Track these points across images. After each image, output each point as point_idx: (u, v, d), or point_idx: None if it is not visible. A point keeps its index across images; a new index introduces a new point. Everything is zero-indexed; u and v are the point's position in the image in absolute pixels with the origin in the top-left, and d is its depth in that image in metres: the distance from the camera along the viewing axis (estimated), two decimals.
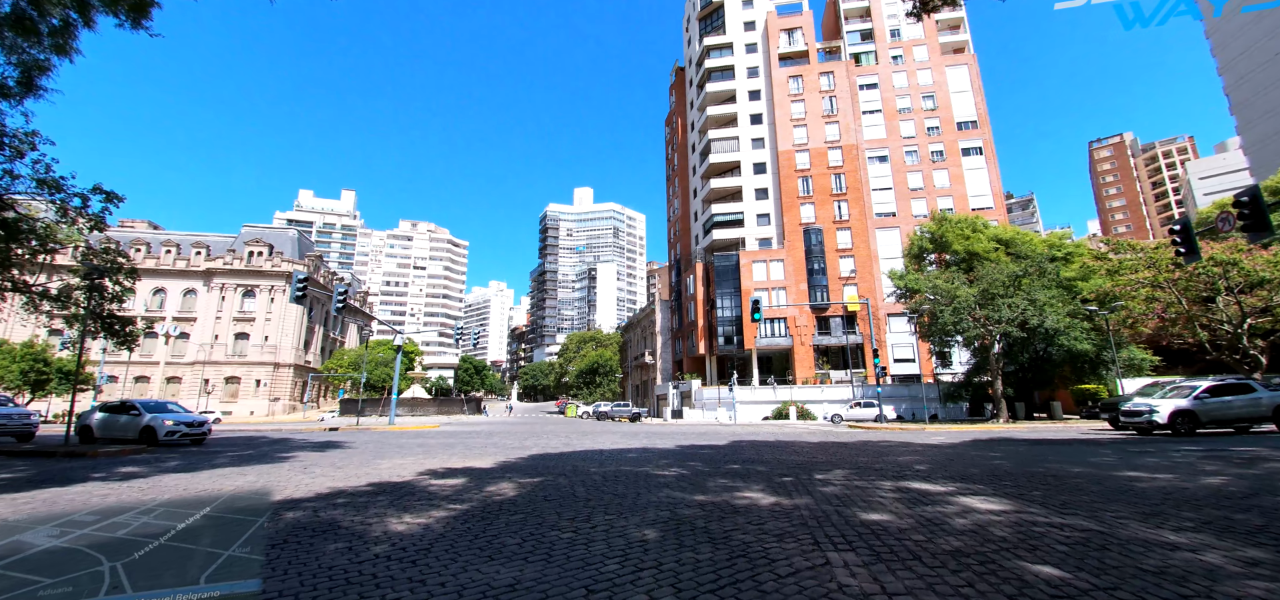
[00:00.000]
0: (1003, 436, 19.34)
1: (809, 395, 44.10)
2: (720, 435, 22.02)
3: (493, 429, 27.71)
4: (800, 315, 51.72)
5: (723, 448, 15.42)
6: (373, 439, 20.48)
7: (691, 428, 31.12)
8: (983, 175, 54.77)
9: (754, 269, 53.58)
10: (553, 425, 33.99)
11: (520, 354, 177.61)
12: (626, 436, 21.34)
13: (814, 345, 51.35)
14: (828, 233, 53.91)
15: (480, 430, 26.59)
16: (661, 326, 66.68)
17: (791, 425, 33.82)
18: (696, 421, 43.92)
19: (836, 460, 12.21)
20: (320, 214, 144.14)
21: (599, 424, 38.56)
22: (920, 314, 34.14)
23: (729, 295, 54.04)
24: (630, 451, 14.49)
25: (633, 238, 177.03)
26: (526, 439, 19.48)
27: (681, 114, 69.51)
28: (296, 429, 31.08)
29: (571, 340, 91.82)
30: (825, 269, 52.86)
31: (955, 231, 37.68)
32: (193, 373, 70.40)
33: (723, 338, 53.53)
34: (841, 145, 56.40)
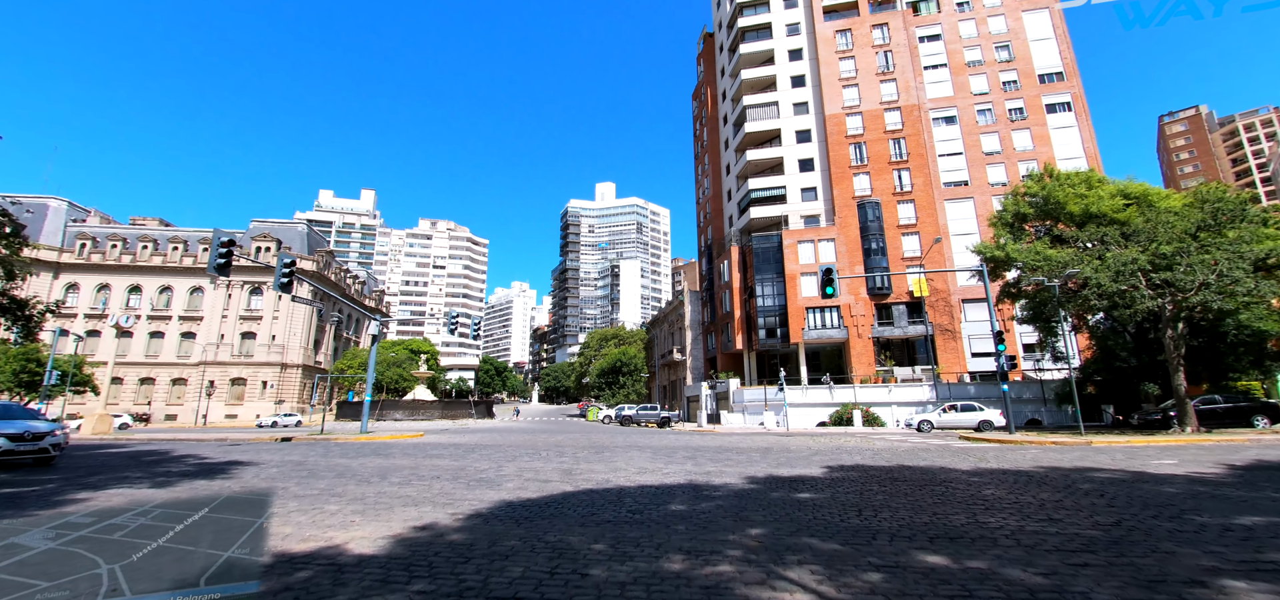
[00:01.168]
0: (1258, 460, 12.00)
1: (874, 396, 36.65)
2: (791, 453, 15.25)
3: (482, 441, 21.47)
4: (856, 302, 44.22)
5: (823, 479, 8.74)
6: (299, 460, 14.37)
7: (737, 438, 24.28)
8: (1073, 135, 46.24)
9: (800, 251, 46.26)
10: (566, 432, 27.74)
11: (542, 355, 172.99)
12: (659, 455, 14.83)
13: (873, 337, 43.73)
14: (887, 206, 46.18)
15: (464, 442, 20.37)
16: (691, 320, 59.85)
17: (857, 434, 26.67)
18: (738, 427, 36.99)
19: (1079, 534, 5.19)
20: (340, 214, 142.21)
21: (622, 431, 32.11)
22: (1024, 291, 26.66)
23: (770, 281, 46.85)
24: (672, 495, 7.91)
25: (657, 233, 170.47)
26: (514, 460, 13.20)
27: (711, 84, 62.57)
28: (242, 437, 25.35)
29: (592, 338, 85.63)
30: (884, 248, 45.16)
31: (1069, 189, 29.82)
32: (198, 374, 67.04)
33: (764, 330, 46.35)
34: (900, 106, 48.61)
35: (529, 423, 44.78)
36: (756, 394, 39.27)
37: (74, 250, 68.95)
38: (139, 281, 69.33)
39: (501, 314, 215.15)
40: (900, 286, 44.25)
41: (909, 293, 43.90)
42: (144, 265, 69.65)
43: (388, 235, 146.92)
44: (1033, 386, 35.48)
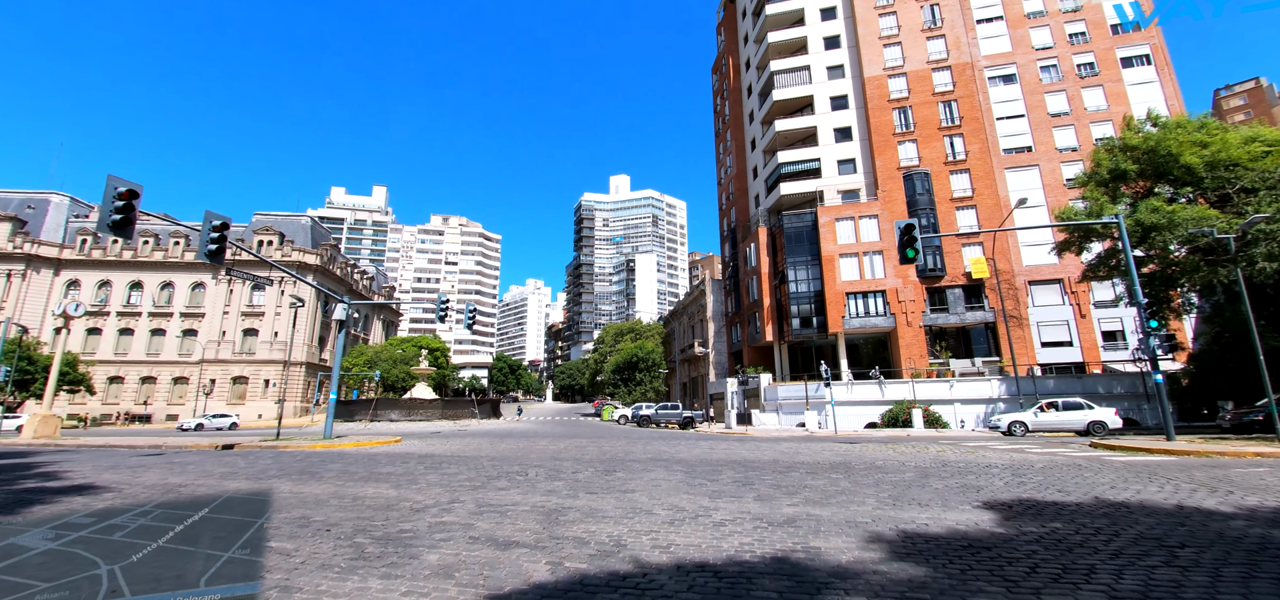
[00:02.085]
0: None
1: (933, 392, 31.47)
2: (880, 471, 10.47)
3: (463, 450, 17.14)
4: (904, 286, 38.96)
5: (1013, 539, 4.06)
6: (179, 484, 10.10)
7: (781, 444, 19.52)
8: (1154, 90, 40.22)
9: (838, 229, 41.10)
10: (573, 435, 23.38)
11: (557, 352, 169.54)
12: (696, 475, 10.23)
13: (925, 326, 38.41)
14: (937, 177, 40.76)
15: (438, 453, 16.06)
16: (713, 311, 55.03)
17: (923, 438, 21.72)
18: (773, 429, 32.16)
19: None
20: (352, 210, 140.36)
21: (639, 433, 27.61)
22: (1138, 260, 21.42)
23: (804, 265, 41.82)
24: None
25: (673, 226, 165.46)
26: (482, 487, 8.75)
27: (733, 53, 57.53)
28: (183, 443, 21.34)
29: (607, 332, 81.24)
30: (936, 224, 39.76)
31: (1183, 137, 24.36)
32: (200, 372, 64.52)
33: (797, 319, 41.33)
34: (950, 65, 43.07)
35: (533, 424, 40.54)
36: (793, 391, 34.37)
37: (75, 247, 67.00)
38: (140, 277, 67.10)
39: (516, 312, 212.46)
40: (955, 268, 38.86)
41: (966, 274, 38.48)
42: (145, 261, 67.38)
43: (399, 231, 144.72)
44: (1124, 380, 29.97)
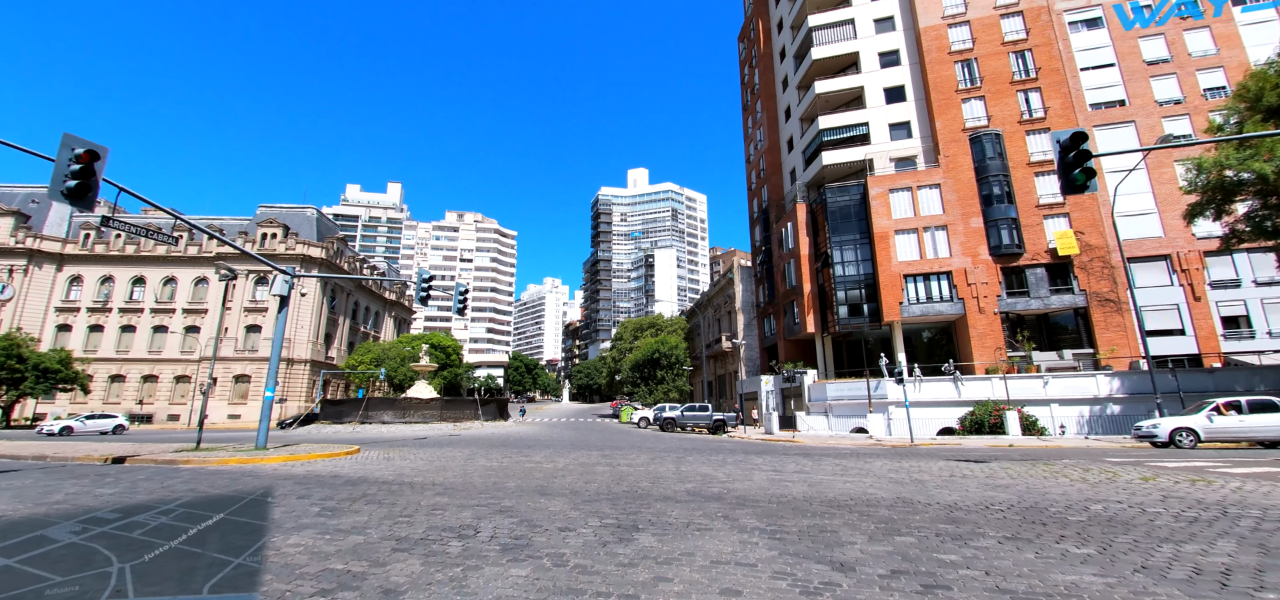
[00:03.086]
0: None
1: (1024, 391, 25.71)
2: (1126, 523, 4.90)
3: (432, 466, 12.37)
4: (974, 265, 33.12)
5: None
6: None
7: (851, 459, 14.22)
8: (1271, 31, 33.65)
9: (892, 201, 35.43)
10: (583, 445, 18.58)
11: (574, 351, 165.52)
12: (777, 536, 5.08)
13: (1001, 312, 32.51)
14: (1011, 138, 34.80)
15: (385, 477, 11.29)
16: (743, 301, 49.67)
17: (1025, 448, 16.23)
18: (824, 435, 26.80)
19: None
20: (366, 208, 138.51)
21: (664, 440, 22.65)
22: None
23: (851, 244, 36.28)
24: None
25: (693, 221, 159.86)
26: (414, 550, 4.05)
27: (762, 15, 52.03)
28: (61, 451, 17.01)
29: (625, 328, 76.36)
30: (1010, 192, 33.82)
31: None
32: (201, 370, 61.62)
33: (845, 307, 35.80)
34: (1022, 10, 37.02)
35: (541, 427, 35.84)
36: (848, 389, 28.90)
37: (78, 241, 64.95)
38: (143, 272, 64.62)
39: (534, 311, 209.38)
40: (1036, 243, 32.85)
41: (1049, 251, 32.45)
42: (147, 255, 64.91)
43: (414, 228, 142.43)
44: (1264, 375, 23.80)
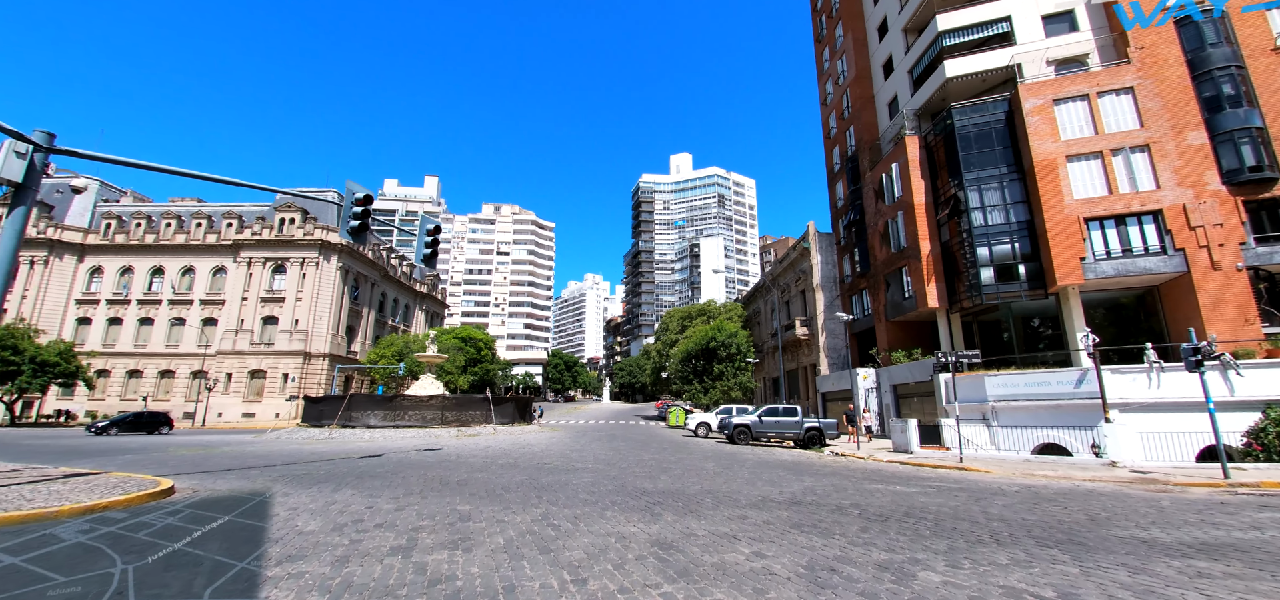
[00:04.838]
0: None
1: None
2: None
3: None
4: (1200, 200, 22.29)
5: None
6: None
7: None
8: None
9: (1059, 116, 24.85)
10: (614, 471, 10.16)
11: (616, 348, 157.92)
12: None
13: (1247, 267, 21.58)
14: (1241, 22, 23.62)
15: None
16: (822, 277, 39.74)
17: None
18: (1011, 458, 16.94)
19: None
20: (403, 202, 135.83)
21: (744, 461, 13.71)
22: None
23: (995, 182, 25.96)
24: None
25: (741, 207, 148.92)
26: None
27: None
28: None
29: (671, 317, 67.45)
30: (1249, 93, 22.71)
31: None
32: (217, 365, 57.13)
33: (989, 269, 25.52)
34: None
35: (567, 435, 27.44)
36: (1025, 384, 18.90)
37: (100, 231, 62.15)
38: (161, 262, 60.94)
39: (574, 308, 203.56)
40: None
41: None
42: (167, 244, 61.19)
43: (451, 221, 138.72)
44: None
